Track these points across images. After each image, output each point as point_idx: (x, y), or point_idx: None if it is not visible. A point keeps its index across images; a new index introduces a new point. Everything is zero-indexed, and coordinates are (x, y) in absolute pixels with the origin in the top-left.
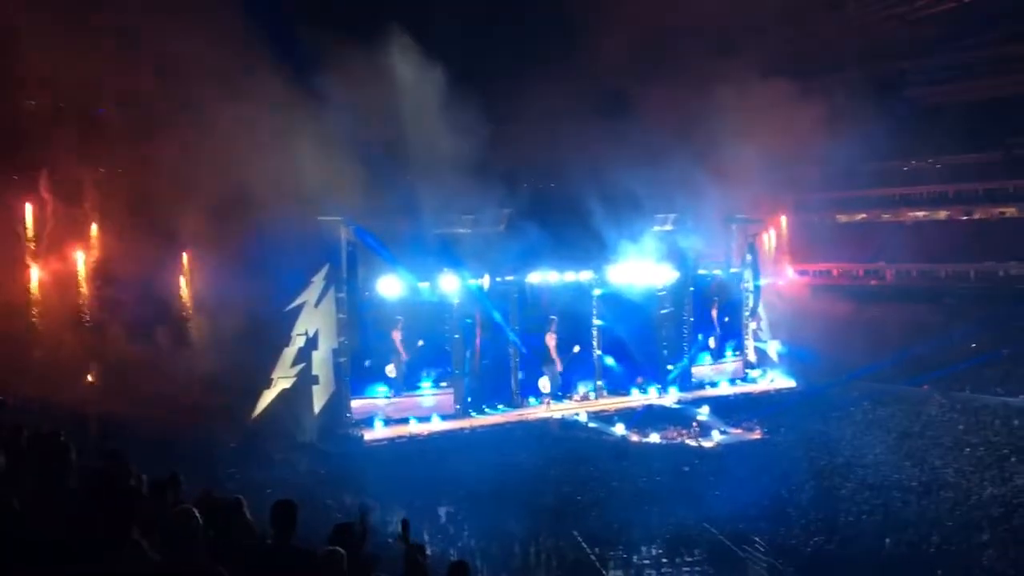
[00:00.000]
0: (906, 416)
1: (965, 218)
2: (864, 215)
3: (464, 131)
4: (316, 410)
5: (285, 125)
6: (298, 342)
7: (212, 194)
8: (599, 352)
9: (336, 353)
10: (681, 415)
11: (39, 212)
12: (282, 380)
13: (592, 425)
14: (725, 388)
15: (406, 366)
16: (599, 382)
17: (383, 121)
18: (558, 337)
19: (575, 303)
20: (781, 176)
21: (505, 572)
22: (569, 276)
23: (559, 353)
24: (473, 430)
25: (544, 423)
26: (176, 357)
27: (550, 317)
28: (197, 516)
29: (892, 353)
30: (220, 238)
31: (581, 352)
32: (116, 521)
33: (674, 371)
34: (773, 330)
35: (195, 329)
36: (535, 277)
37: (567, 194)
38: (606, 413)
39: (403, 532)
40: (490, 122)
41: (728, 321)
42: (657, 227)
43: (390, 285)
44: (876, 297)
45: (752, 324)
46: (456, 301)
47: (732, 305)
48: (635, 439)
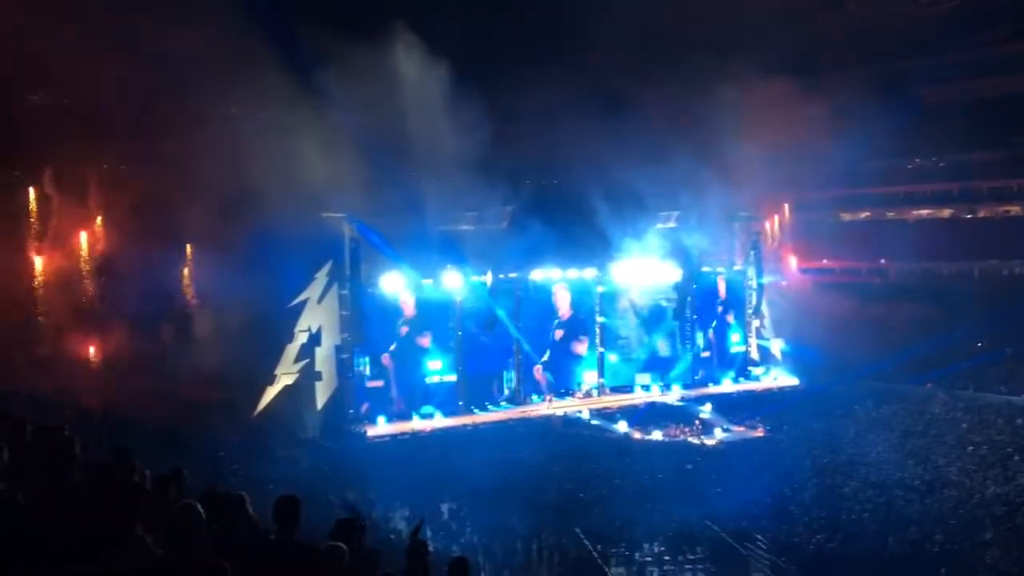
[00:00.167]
0: (909, 414)
1: (969, 216)
2: (868, 213)
3: (468, 128)
4: (319, 406)
5: (289, 122)
6: (301, 338)
7: (216, 190)
8: (602, 349)
9: (339, 349)
10: (684, 413)
11: (43, 208)
12: (285, 376)
13: (595, 422)
14: (728, 386)
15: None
16: (602, 379)
17: (387, 118)
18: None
19: (579, 300)
20: (784, 174)
21: (507, 569)
22: (572, 273)
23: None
24: (476, 427)
25: (547, 420)
26: (179, 353)
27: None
28: (200, 511)
29: (895, 351)
30: (224, 234)
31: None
32: (120, 516)
33: (676, 368)
34: (776, 328)
35: (198, 325)
36: (538, 274)
37: (570, 191)
38: (609, 410)
39: (416, 530)
40: (494, 119)
41: (732, 320)
42: (660, 225)
43: (393, 282)
44: (879, 295)
45: (755, 322)
46: (459, 298)
47: (736, 303)
48: (638, 436)
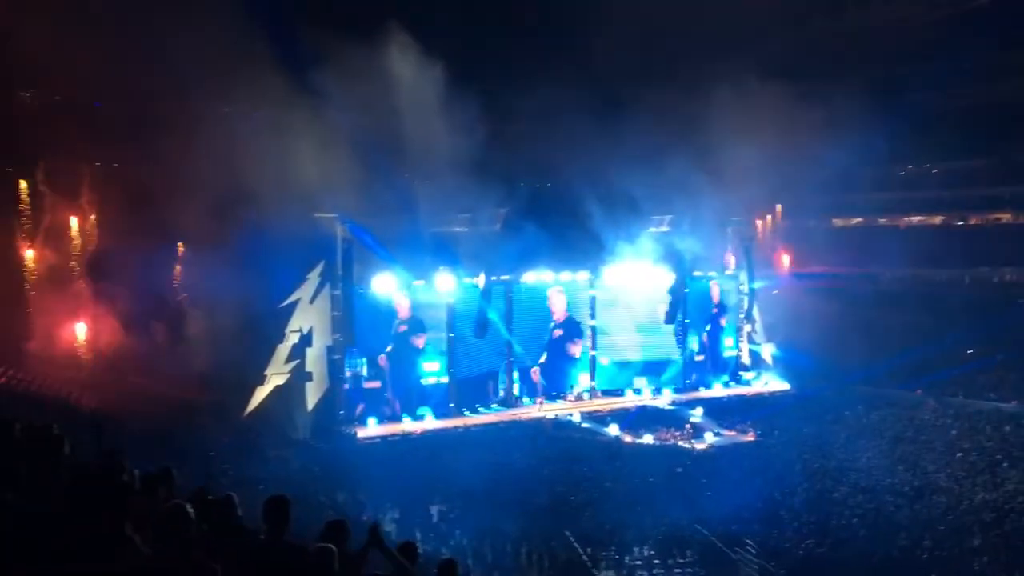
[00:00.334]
0: (899, 420)
1: (960, 224)
2: (860, 219)
3: (462, 130)
4: (309, 407)
5: (282, 121)
6: (292, 339)
7: (208, 189)
8: (594, 352)
9: (330, 350)
10: (675, 416)
11: (35, 204)
12: (276, 376)
13: (586, 425)
14: (719, 390)
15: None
16: (593, 382)
17: (381, 118)
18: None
19: (573, 303)
20: (777, 180)
21: (497, 571)
22: (565, 276)
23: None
24: (467, 429)
25: (538, 423)
26: (170, 352)
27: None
28: (190, 511)
29: (886, 357)
30: (216, 233)
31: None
32: (109, 516)
33: (668, 372)
34: (768, 333)
35: (190, 324)
36: (531, 277)
37: (564, 194)
38: (600, 413)
39: (372, 538)
40: (488, 121)
41: (725, 324)
42: (653, 229)
43: (385, 283)
44: (870, 301)
45: (747, 327)
46: (451, 300)
47: (729, 307)
48: (628, 440)
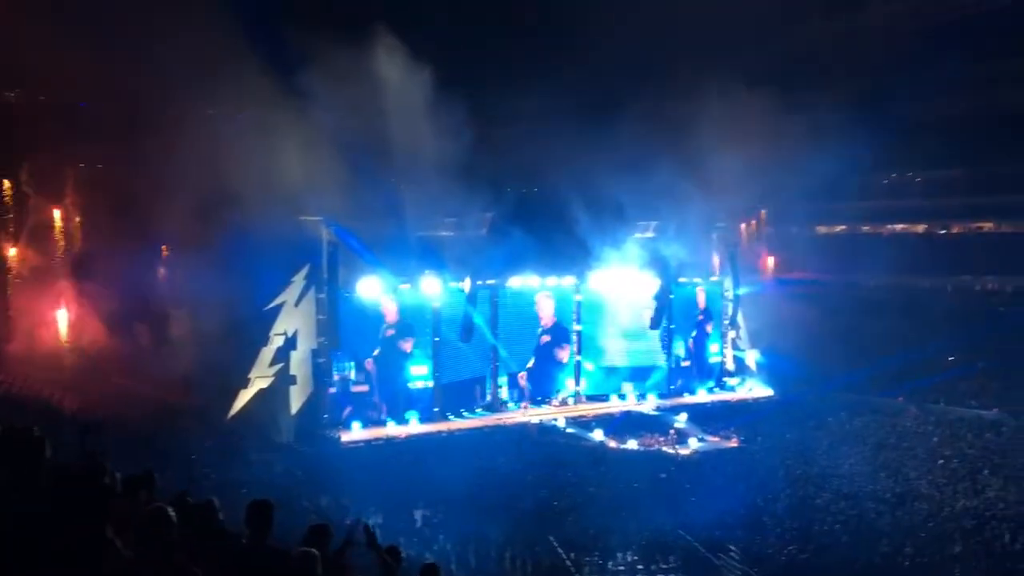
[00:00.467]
0: (881, 427)
1: (943, 232)
2: (844, 227)
3: (449, 133)
4: (293, 411)
5: (267, 123)
6: (276, 342)
7: (193, 191)
8: (579, 357)
9: (315, 353)
10: (659, 422)
11: (18, 205)
12: (260, 380)
13: (570, 430)
14: (703, 396)
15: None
16: (578, 387)
17: (367, 121)
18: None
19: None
20: (762, 187)
21: None
22: (551, 281)
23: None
24: (451, 433)
25: (522, 428)
26: (153, 354)
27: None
28: (171, 515)
29: (869, 364)
30: (200, 235)
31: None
32: (90, 519)
33: (653, 378)
34: (752, 339)
35: (173, 326)
36: (516, 282)
37: (550, 199)
38: (584, 418)
39: (369, 539)
40: (475, 125)
41: (711, 331)
42: (639, 234)
43: (371, 286)
44: (854, 308)
45: (731, 333)
46: (437, 304)
47: (715, 313)
48: (613, 445)
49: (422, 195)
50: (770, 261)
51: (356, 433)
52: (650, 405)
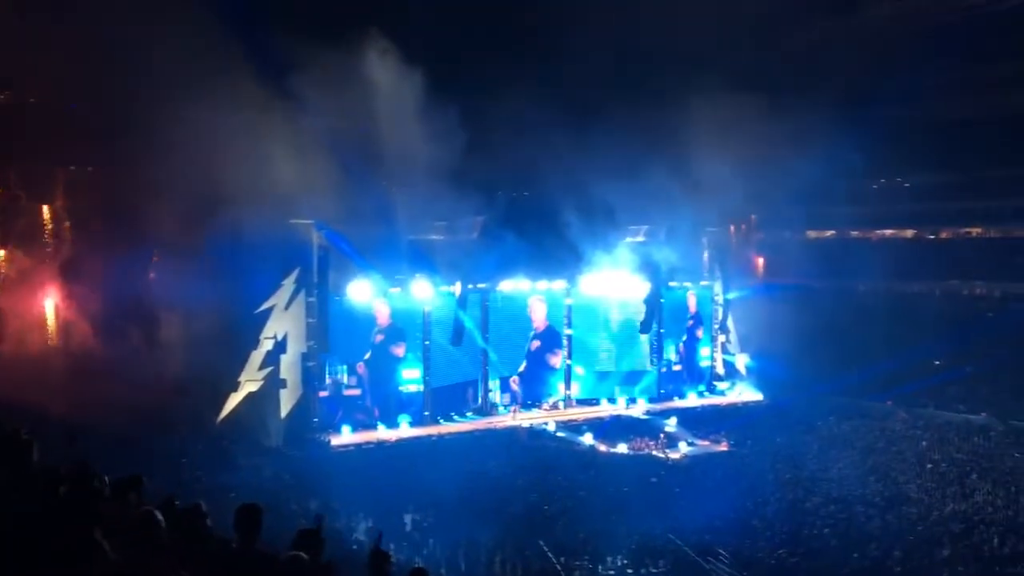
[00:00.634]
0: (870, 431)
1: (931, 237)
2: (833, 232)
3: (440, 137)
4: (283, 414)
5: (259, 126)
6: (267, 345)
7: (183, 194)
8: (570, 361)
9: (305, 357)
10: (649, 426)
11: (8, 208)
12: (249, 383)
13: (560, 434)
14: (693, 400)
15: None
16: (568, 391)
17: (359, 125)
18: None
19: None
20: (752, 192)
21: None
22: (542, 285)
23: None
24: (441, 437)
25: (513, 432)
26: (143, 358)
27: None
28: (160, 518)
29: (858, 368)
30: (191, 238)
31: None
32: (79, 522)
33: (643, 382)
34: (742, 343)
35: (163, 330)
36: (507, 285)
37: (541, 204)
38: (575, 423)
39: (377, 542)
40: (466, 129)
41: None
42: (630, 239)
43: (361, 290)
44: (843, 313)
45: (721, 337)
46: (427, 308)
47: (705, 318)
48: (603, 449)
49: (413, 199)
50: (760, 265)
51: (346, 437)
52: (640, 409)
